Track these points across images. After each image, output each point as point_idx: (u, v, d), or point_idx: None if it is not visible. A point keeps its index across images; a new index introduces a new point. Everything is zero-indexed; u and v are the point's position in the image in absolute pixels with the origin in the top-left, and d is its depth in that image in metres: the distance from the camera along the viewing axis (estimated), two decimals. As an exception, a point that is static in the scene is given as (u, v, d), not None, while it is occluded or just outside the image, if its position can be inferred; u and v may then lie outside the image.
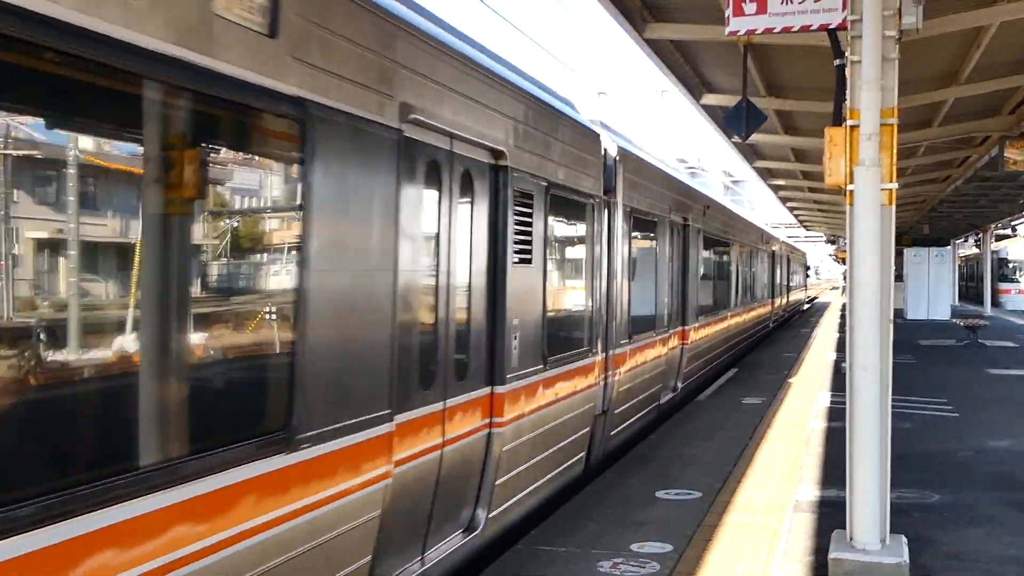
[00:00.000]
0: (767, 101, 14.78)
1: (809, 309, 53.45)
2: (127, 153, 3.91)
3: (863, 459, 6.61)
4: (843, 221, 8.19)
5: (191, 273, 4.19)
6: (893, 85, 6.70)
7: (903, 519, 7.70)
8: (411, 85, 5.51)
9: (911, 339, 26.58)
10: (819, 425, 12.57)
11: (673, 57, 13.42)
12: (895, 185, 6.73)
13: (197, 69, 3.80)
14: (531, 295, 7.72)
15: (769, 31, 7.68)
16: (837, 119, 7.11)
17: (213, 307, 4.43)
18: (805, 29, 7.60)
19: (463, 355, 6.49)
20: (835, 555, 6.52)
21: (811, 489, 9.04)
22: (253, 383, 4.58)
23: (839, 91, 7.18)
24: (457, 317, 6.39)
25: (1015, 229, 50.10)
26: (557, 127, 8.40)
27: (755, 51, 11.91)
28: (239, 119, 4.30)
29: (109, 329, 3.84)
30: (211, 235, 4.37)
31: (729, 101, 14.24)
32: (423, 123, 5.71)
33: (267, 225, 4.90)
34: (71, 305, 3.64)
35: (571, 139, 8.82)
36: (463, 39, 6.74)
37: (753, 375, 19.20)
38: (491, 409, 6.91)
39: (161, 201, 3.85)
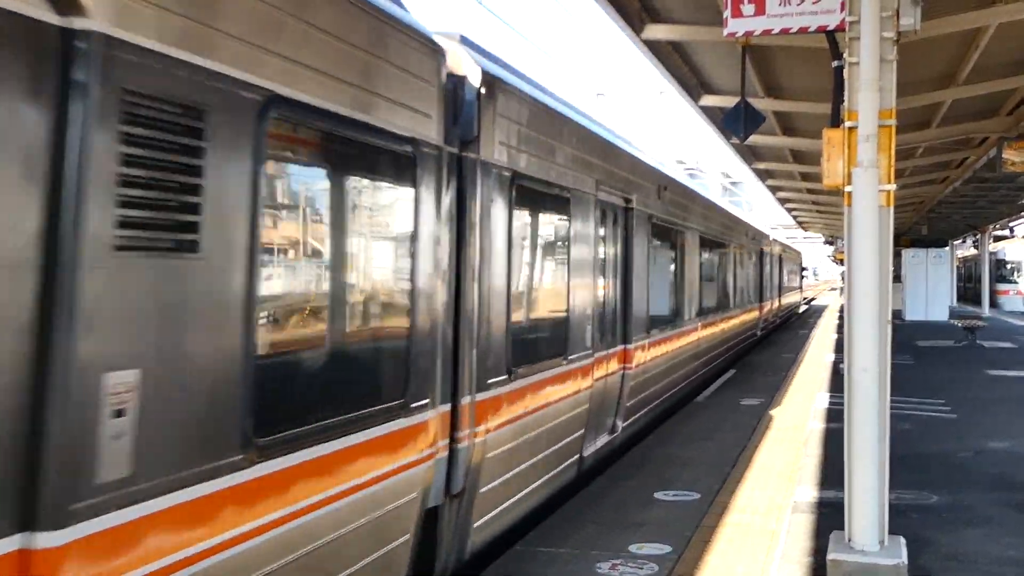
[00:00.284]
0: (765, 102, 14.78)
1: (807, 311, 53.39)
2: None
3: (862, 460, 6.61)
4: (841, 222, 8.19)
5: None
6: (891, 86, 6.70)
7: (902, 520, 7.71)
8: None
9: (910, 340, 26.61)
10: (818, 426, 12.58)
11: (671, 58, 13.43)
12: (893, 186, 6.73)
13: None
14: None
15: (767, 32, 7.70)
16: (835, 120, 7.11)
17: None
18: (803, 30, 7.61)
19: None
20: (834, 556, 6.52)
21: (810, 490, 9.05)
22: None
23: (837, 92, 7.18)
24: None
25: (1013, 230, 50.21)
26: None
27: (753, 52, 11.92)
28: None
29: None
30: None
31: (727, 102, 14.22)
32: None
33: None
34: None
35: (359, 37, 5.06)
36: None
37: (751, 376, 19.22)
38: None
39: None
